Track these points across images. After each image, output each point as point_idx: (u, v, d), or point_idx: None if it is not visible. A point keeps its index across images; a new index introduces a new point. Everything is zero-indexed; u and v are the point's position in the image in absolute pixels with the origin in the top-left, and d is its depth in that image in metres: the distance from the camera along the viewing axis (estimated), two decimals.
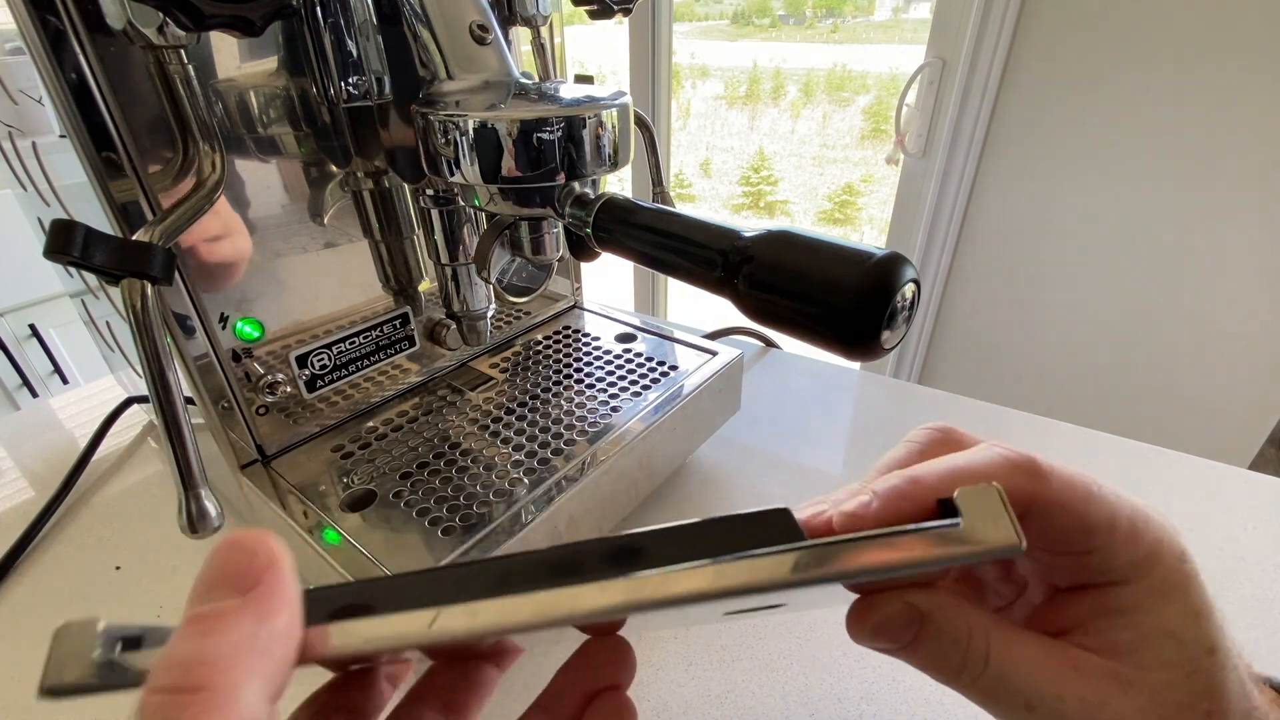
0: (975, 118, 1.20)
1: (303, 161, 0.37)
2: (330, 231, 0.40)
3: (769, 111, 4.49)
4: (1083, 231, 1.21)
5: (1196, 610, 0.17)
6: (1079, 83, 1.11)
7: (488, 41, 0.31)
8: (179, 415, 0.27)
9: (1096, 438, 0.55)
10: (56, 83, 0.28)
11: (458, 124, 0.29)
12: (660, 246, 0.27)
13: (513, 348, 0.54)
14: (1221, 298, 1.13)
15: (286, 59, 0.35)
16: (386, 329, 0.45)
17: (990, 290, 1.36)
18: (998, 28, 1.11)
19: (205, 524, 0.28)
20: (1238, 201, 1.06)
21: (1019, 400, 0.97)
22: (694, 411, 0.47)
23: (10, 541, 0.46)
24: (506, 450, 0.42)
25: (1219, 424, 1.21)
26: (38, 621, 0.41)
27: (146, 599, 0.42)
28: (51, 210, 0.40)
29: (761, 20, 4.51)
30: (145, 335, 0.26)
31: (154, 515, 0.49)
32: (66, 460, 0.54)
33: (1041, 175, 1.21)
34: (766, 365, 0.68)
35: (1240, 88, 0.99)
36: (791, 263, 0.22)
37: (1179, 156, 1.08)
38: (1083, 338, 1.29)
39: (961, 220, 1.32)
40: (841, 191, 4.00)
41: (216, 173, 0.31)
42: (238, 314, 0.37)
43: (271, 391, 0.39)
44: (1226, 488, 0.49)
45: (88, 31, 0.28)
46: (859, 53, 4.15)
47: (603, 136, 0.30)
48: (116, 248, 0.26)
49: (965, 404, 0.60)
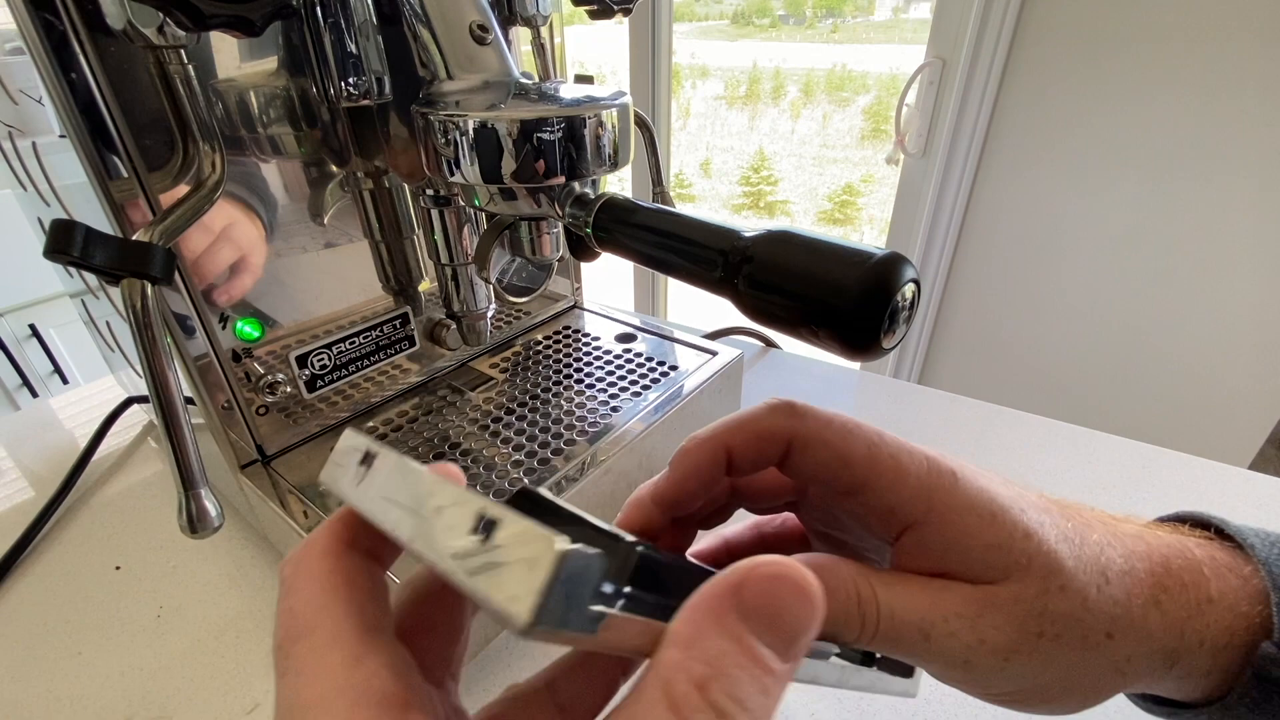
0: (975, 118, 1.20)
1: (303, 161, 0.37)
2: (330, 231, 0.40)
3: (769, 111, 4.49)
4: (1083, 231, 1.21)
5: (991, 513, 0.17)
6: (1079, 82, 1.11)
7: (488, 41, 0.31)
8: (179, 415, 0.27)
9: (1096, 438, 0.55)
10: (56, 83, 0.28)
11: (458, 124, 0.29)
12: (660, 246, 0.27)
13: (513, 348, 0.54)
14: (1222, 297, 1.13)
15: (286, 59, 0.35)
16: (386, 329, 0.45)
17: (990, 290, 1.36)
18: (998, 28, 1.11)
19: (205, 524, 0.28)
20: (1238, 201, 1.06)
21: (1019, 400, 0.97)
22: (694, 411, 0.47)
23: (10, 541, 0.46)
24: (506, 450, 0.42)
25: (1219, 424, 1.21)
26: (38, 621, 0.41)
27: (146, 599, 0.42)
28: (51, 210, 0.40)
29: (761, 20, 4.51)
30: (145, 335, 0.26)
31: (154, 515, 0.49)
32: (66, 460, 0.54)
33: (1041, 175, 1.20)
34: (766, 365, 0.68)
35: (1240, 88, 0.99)
36: (791, 263, 0.22)
37: (1179, 156, 1.08)
38: (1083, 338, 1.29)
39: (961, 220, 1.32)
40: (841, 191, 4.00)
41: (216, 173, 0.31)
42: (237, 314, 0.37)
43: (271, 391, 0.39)
44: (1226, 488, 0.49)
45: (88, 31, 0.28)
46: (859, 53, 4.15)
47: (603, 136, 0.30)
48: (116, 248, 0.26)
49: (965, 404, 0.60)
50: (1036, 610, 0.17)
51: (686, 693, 0.11)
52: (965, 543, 0.17)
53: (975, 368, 1.45)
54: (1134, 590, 0.17)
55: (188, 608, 0.42)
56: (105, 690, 0.37)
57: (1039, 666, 0.17)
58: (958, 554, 0.17)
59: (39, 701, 0.36)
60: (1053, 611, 0.17)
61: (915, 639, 0.17)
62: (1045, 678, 0.17)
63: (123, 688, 0.37)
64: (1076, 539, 0.18)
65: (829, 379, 0.65)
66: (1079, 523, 0.18)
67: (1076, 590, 0.17)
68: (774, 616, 0.12)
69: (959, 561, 0.17)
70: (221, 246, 0.35)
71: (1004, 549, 0.17)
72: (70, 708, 0.36)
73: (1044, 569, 0.17)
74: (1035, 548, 0.17)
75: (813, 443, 0.18)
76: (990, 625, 0.17)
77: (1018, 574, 0.17)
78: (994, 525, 0.17)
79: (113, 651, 0.39)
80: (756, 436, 0.19)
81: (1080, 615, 0.17)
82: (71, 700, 0.36)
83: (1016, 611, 0.17)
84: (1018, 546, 0.17)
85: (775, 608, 0.12)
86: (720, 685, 0.11)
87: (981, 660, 0.17)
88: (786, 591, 0.12)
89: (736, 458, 0.19)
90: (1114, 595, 0.17)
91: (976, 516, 0.17)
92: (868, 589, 0.17)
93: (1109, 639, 0.17)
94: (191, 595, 0.43)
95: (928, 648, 0.17)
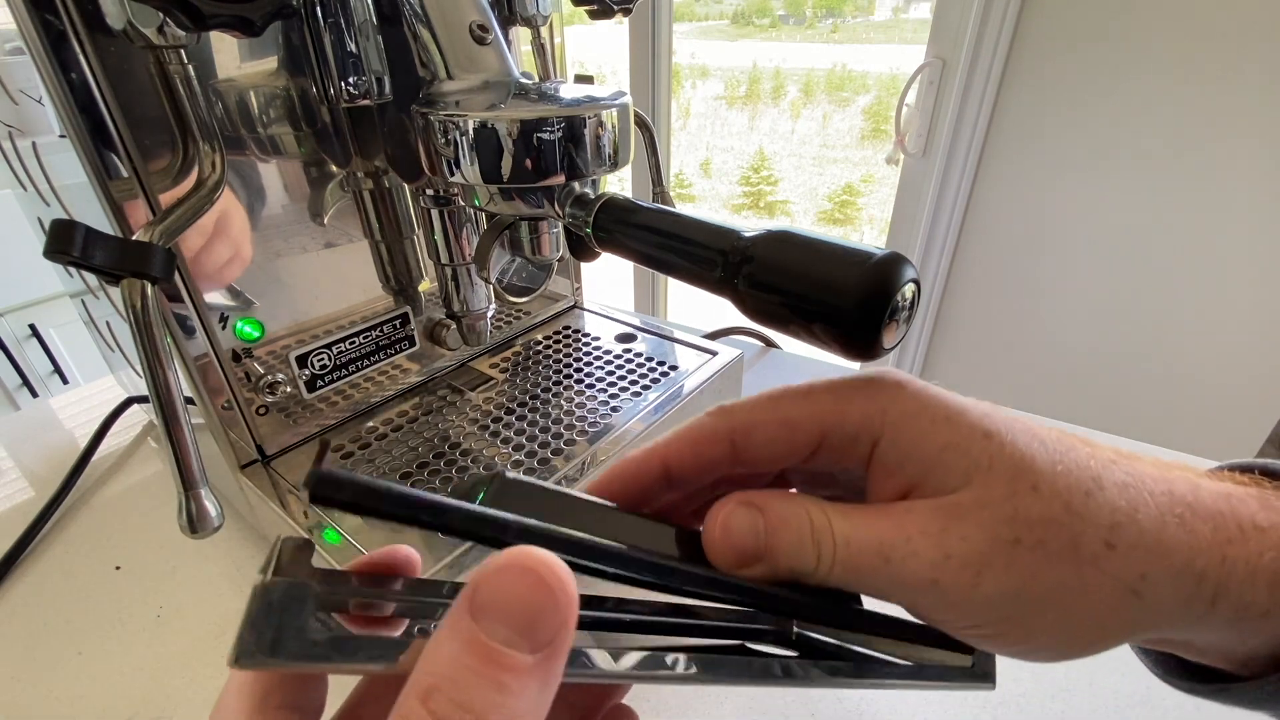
0: (975, 118, 1.20)
1: (303, 161, 0.37)
2: (330, 231, 0.40)
3: (769, 111, 4.49)
4: (1083, 231, 1.21)
5: (945, 415, 0.16)
6: (1079, 83, 1.11)
7: (488, 41, 0.30)
8: (179, 415, 0.27)
9: (1096, 438, 0.55)
10: (56, 83, 0.28)
11: (458, 124, 0.29)
12: (660, 246, 0.27)
13: (513, 348, 0.54)
14: (1221, 297, 1.13)
15: (286, 59, 0.35)
16: (386, 329, 0.45)
17: (990, 290, 1.36)
18: (998, 28, 1.11)
19: (205, 524, 0.28)
20: (1238, 201, 1.06)
21: (1019, 400, 0.97)
22: (694, 411, 0.47)
23: (10, 541, 0.46)
24: (506, 450, 0.42)
25: (1219, 424, 1.21)
26: (38, 621, 0.41)
27: (146, 599, 0.42)
28: (51, 210, 0.40)
29: (761, 20, 4.51)
30: (145, 335, 0.26)
31: (154, 515, 0.49)
32: (66, 460, 0.54)
33: (1041, 175, 1.20)
34: (766, 365, 0.68)
35: (1240, 88, 0.99)
36: (791, 263, 0.22)
37: (1179, 156, 1.08)
38: (1083, 337, 1.29)
39: (961, 220, 1.32)
40: (841, 191, 4.00)
41: (216, 173, 0.31)
42: (238, 314, 0.37)
43: (271, 391, 0.39)
44: None
45: (88, 31, 0.28)
46: (859, 53, 4.15)
47: (603, 136, 0.30)
48: (116, 248, 0.26)
49: None
50: (1007, 514, 0.15)
51: (410, 710, 0.11)
52: (921, 446, 0.16)
53: (975, 368, 1.45)
54: (1140, 501, 0.15)
55: (188, 608, 0.42)
56: (105, 690, 0.37)
57: (1021, 581, 0.15)
58: (915, 463, 0.16)
59: (39, 701, 0.36)
60: (1026, 514, 0.15)
61: (876, 563, 0.15)
62: (1033, 595, 0.15)
63: (123, 688, 0.37)
64: (1058, 446, 0.16)
65: None
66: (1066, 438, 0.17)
67: (1055, 492, 0.15)
68: (504, 606, 0.11)
69: (918, 470, 0.16)
70: (220, 245, 0.35)
71: (961, 449, 0.16)
72: (70, 708, 0.36)
73: (1010, 468, 0.15)
74: (997, 448, 0.15)
75: (753, 427, 0.18)
76: (957, 537, 0.15)
77: (979, 476, 0.15)
78: (949, 425, 0.16)
79: (113, 651, 0.39)
80: (691, 443, 0.18)
81: (1062, 519, 0.15)
82: (71, 700, 0.36)
83: (985, 518, 0.15)
84: (977, 446, 0.16)
85: (505, 598, 0.11)
86: (446, 692, 0.11)
87: (950, 577, 0.15)
88: (512, 578, 0.11)
89: (675, 468, 0.19)
90: (1112, 502, 0.15)
91: (929, 419, 0.16)
92: (822, 518, 0.16)
93: (1110, 549, 0.15)
94: (191, 595, 0.43)
95: (889, 572, 0.15)
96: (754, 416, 0.18)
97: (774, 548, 0.16)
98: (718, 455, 0.18)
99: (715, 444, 0.18)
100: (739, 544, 0.17)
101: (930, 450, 0.16)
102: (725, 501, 0.17)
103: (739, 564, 0.17)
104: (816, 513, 0.16)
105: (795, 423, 0.17)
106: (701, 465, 0.18)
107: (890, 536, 0.15)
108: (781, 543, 0.16)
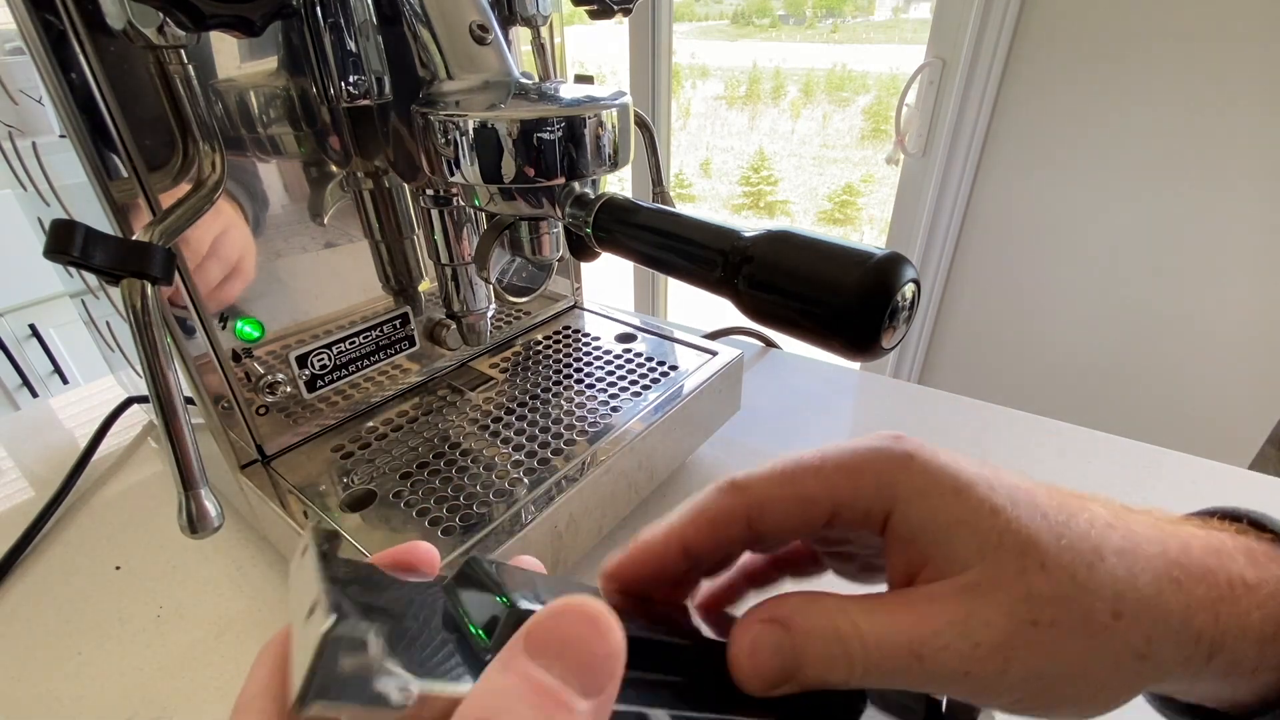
0: (975, 118, 1.20)
1: (303, 161, 0.37)
2: (330, 231, 0.40)
3: (769, 111, 4.49)
4: (1083, 231, 1.21)
5: (954, 488, 0.17)
6: (1079, 83, 1.11)
7: (488, 41, 0.31)
8: (179, 415, 0.27)
9: (1096, 438, 0.55)
10: (56, 83, 0.28)
11: (458, 124, 0.29)
12: (660, 246, 0.27)
13: (513, 348, 0.54)
14: (1222, 297, 1.13)
15: (286, 59, 0.35)
16: (386, 329, 0.45)
17: (990, 290, 1.36)
18: (998, 28, 1.11)
19: (205, 524, 0.28)
20: (1238, 201, 1.06)
21: (1019, 400, 0.97)
22: (694, 411, 0.47)
23: (10, 541, 0.46)
24: (506, 450, 0.42)
25: (1219, 424, 1.21)
26: (38, 621, 0.41)
27: (146, 599, 0.42)
28: (51, 210, 0.40)
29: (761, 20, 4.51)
30: (145, 335, 0.26)
31: (154, 515, 0.49)
32: (66, 460, 0.54)
33: (1041, 175, 1.21)
34: (766, 365, 0.68)
35: (1240, 88, 0.99)
36: (791, 263, 0.22)
37: (1179, 156, 1.08)
38: (1083, 337, 1.29)
39: (961, 220, 1.32)
40: (841, 191, 4.00)
41: (216, 173, 0.31)
42: (237, 314, 0.37)
43: (271, 391, 0.39)
44: (1226, 488, 0.49)
45: (88, 31, 0.28)
46: (859, 53, 4.16)
47: (603, 136, 0.30)
48: (116, 248, 0.26)
49: (965, 404, 0.60)
50: (1021, 594, 0.15)
51: None
52: (934, 520, 0.17)
53: (975, 368, 1.45)
54: (1139, 568, 0.16)
55: (188, 608, 0.42)
56: (105, 690, 0.37)
57: (1044, 660, 0.15)
58: (930, 535, 0.17)
59: (39, 701, 0.36)
60: (1039, 593, 0.15)
61: (909, 662, 0.16)
62: (1055, 672, 0.16)
63: (123, 688, 0.37)
64: (1059, 516, 0.17)
65: (829, 379, 0.65)
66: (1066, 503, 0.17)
67: (1061, 567, 0.16)
68: (561, 647, 0.12)
69: (933, 544, 0.17)
70: (221, 245, 0.35)
71: (970, 525, 0.16)
72: (70, 708, 0.36)
73: (1018, 545, 0.16)
74: (1005, 524, 0.16)
75: (767, 504, 0.18)
76: (981, 624, 0.15)
77: (991, 554, 0.16)
78: (958, 500, 0.16)
79: (113, 651, 0.39)
80: (709, 525, 0.19)
81: (1072, 594, 0.15)
82: (71, 700, 0.36)
83: (1003, 601, 0.16)
84: (985, 523, 0.16)
85: (562, 640, 0.12)
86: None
87: (982, 667, 0.15)
88: (571, 621, 0.12)
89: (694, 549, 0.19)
90: (1113, 572, 0.16)
91: (939, 494, 0.17)
92: (847, 623, 0.16)
93: (1117, 619, 0.15)
94: (191, 595, 0.43)
95: (923, 669, 0.16)
96: (768, 493, 0.18)
97: (803, 666, 0.16)
98: (735, 535, 0.19)
99: (732, 525, 0.19)
100: (766, 669, 0.17)
101: (941, 525, 0.17)
102: (749, 621, 0.17)
103: (768, 689, 0.17)
104: (843, 620, 0.16)
105: (809, 498, 0.18)
106: (719, 544, 0.19)
107: (918, 633, 0.16)
108: (810, 659, 0.16)
